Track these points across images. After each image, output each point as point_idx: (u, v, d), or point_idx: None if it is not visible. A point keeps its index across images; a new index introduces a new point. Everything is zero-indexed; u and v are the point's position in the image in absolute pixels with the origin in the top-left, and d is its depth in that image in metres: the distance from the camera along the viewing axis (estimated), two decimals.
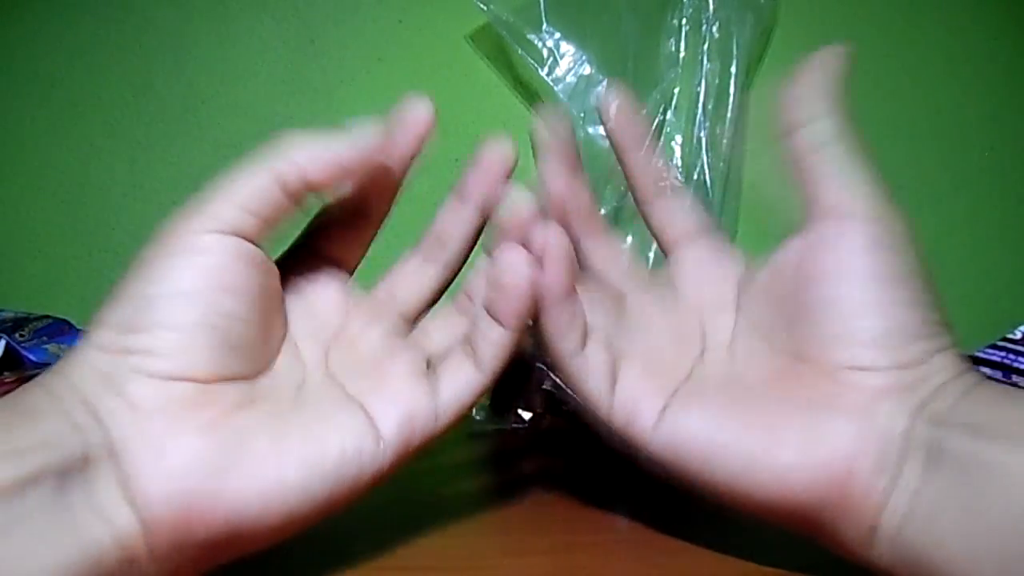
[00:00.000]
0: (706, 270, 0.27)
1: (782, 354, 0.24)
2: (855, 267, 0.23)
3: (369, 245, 0.28)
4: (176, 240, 0.21)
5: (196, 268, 0.21)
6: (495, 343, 0.24)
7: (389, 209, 0.27)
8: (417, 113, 0.26)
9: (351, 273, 0.27)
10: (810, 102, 0.24)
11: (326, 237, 0.26)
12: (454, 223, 0.28)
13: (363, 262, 0.32)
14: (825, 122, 0.24)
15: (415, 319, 0.28)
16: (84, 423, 0.20)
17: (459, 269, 0.29)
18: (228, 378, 0.21)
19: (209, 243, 0.21)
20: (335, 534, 0.28)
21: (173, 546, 0.20)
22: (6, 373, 0.42)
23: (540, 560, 0.26)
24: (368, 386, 0.24)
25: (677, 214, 0.28)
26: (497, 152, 0.27)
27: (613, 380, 0.25)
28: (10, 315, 0.47)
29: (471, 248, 0.28)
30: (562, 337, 0.25)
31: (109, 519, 0.19)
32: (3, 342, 0.43)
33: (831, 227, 0.23)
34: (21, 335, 0.44)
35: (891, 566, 0.21)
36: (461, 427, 0.48)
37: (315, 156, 0.22)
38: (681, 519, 0.30)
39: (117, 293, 0.21)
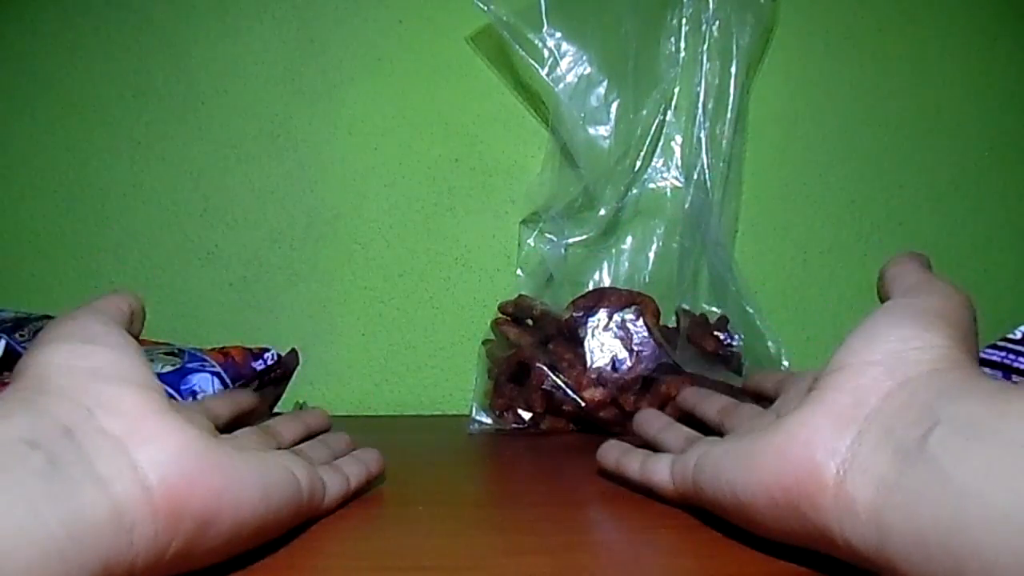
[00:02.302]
0: (786, 388, 0.33)
1: None
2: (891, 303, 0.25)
3: None
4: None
5: (96, 321, 0.25)
6: (359, 473, 0.33)
7: None
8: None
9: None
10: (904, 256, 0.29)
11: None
12: (287, 429, 0.36)
13: (362, 260, 0.32)
14: (913, 266, 0.28)
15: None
16: (65, 412, 0.21)
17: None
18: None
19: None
20: (335, 533, 0.28)
21: (175, 511, 0.21)
22: (6, 373, 0.42)
23: (540, 560, 0.26)
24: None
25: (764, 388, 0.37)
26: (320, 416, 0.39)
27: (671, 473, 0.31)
28: (10, 315, 0.47)
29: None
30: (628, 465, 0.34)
31: (110, 491, 0.20)
32: (3, 342, 0.43)
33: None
34: (21, 335, 0.44)
35: (872, 561, 0.21)
36: (461, 427, 0.49)
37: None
38: (680, 519, 0.30)
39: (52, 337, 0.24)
